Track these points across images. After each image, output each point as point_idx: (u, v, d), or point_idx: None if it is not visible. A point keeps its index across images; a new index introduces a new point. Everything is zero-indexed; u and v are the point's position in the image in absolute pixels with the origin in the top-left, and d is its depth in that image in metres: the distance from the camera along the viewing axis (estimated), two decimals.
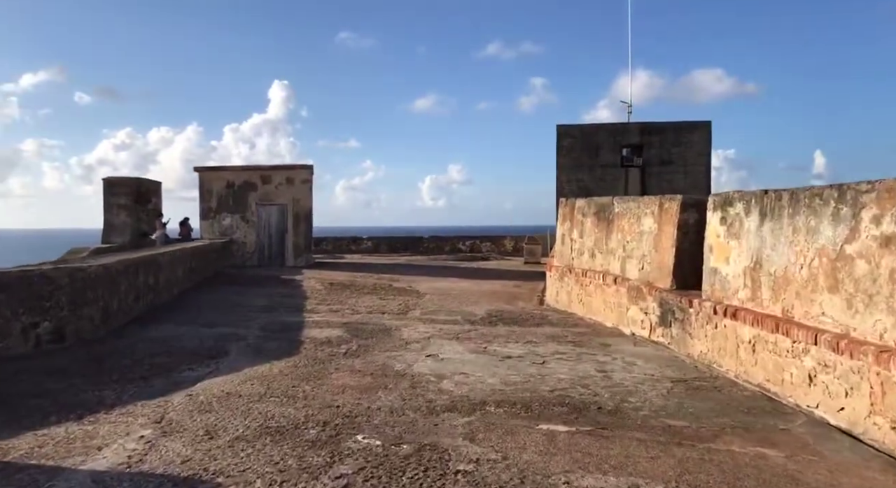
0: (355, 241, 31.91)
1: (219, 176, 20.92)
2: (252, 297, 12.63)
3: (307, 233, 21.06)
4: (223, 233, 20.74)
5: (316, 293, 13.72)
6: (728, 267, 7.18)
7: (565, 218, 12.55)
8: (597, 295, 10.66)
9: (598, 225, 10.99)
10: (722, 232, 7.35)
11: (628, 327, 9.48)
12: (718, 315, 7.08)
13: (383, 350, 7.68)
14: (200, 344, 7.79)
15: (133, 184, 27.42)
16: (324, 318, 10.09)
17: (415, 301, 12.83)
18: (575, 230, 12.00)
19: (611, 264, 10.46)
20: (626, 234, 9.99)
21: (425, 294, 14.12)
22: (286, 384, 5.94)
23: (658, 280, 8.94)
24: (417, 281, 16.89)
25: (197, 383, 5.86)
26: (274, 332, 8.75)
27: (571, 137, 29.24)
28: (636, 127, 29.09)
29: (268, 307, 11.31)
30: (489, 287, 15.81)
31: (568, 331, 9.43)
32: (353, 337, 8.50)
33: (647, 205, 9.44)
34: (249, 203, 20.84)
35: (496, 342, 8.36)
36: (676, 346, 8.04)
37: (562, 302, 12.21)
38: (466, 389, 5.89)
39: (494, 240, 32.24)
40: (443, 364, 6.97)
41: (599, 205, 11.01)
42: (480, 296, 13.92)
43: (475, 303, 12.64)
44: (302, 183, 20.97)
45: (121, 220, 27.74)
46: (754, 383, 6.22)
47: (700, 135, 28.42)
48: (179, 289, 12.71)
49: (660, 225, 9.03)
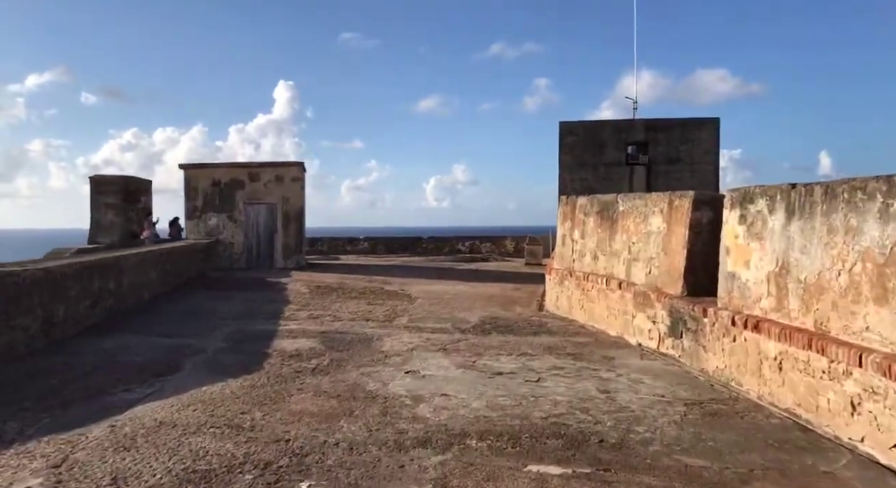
0: (351, 242, 31.09)
1: (205, 173, 20.10)
2: (228, 302, 11.82)
3: (298, 233, 20.25)
4: (209, 233, 19.94)
5: (299, 298, 12.90)
6: (748, 272, 6.34)
7: (566, 217, 11.71)
8: (600, 301, 9.83)
9: (602, 224, 10.15)
10: (741, 232, 6.51)
11: (634, 337, 8.65)
12: (737, 326, 6.24)
13: (358, 365, 6.85)
14: (152, 357, 6.94)
15: (121, 182, 26.66)
16: (300, 327, 9.26)
17: (404, 306, 12.00)
18: (576, 230, 11.17)
19: (615, 267, 9.63)
20: (632, 235, 9.16)
21: (417, 298, 13.30)
22: (235, 409, 5.09)
23: (667, 285, 8.10)
24: (410, 284, 16.06)
25: (128, 409, 4.99)
26: (240, 343, 7.93)
27: (574, 135, 28.38)
28: (642, 124, 28.20)
29: (243, 314, 10.50)
30: (486, 290, 14.98)
31: (568, 341, 8.60)
32: (328, 349, 7.67)
33: (654, 203, 8.61)
34: (237, 202, 20.02)
35: (487, 355, 7.54)
36: (688, 360, 7.20)
37: (562, 308, 11.38)
38: (446, 416, 5.06)
39: (495, 241, 31.39)
40: (423, 382, 6.14)
41: (603, 203, 10.18)
42: (475, 300, 13.09)
43: (469, 308, 11.82)
44: (292, 181, 20.16)
45: (108, 220, 26.99)
46: (782, 407, 5.38)
47: (708, 133, 27.52)
48: (151, 294, 11.90)
49: (669, 224, 8.19)
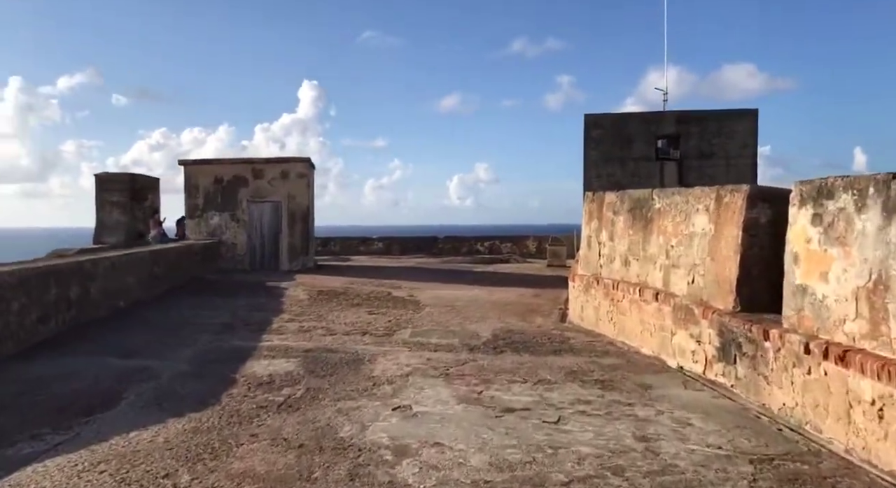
0: (365, 242, 30.01)
1: (206, 170, 19.10)
2: (215, 311, 10.73)
3: (305, 233, 19.17)
4: (211, 233, 18.95)
5: (296, 305, 11.78)
6: (826, 286, 5.03)
7: (592, 216, 10.42)
8: (632, 313, 8.53)
9: (634, 225, 8.85)
10: (815, 235, 5.20)
11: (674, 358, 7.35)
12: (814, 355, 4.94)
13: (338, 397, 5.66)
14: (91, 387, 5.81)
15: (128, 180, 25.91)
16: (284, 343, 8.11)
17: (409, 316, 10.81)
18: (604, 231, 9.87)
19: (650, 275, 8.33)
20: (671, 237, 7.86)
21: (425, 306, 12.10)
22: (158, 469, 3.92)
23: (715, 298, 6.80)
24: (420, 288, 14.87)
25: (15, 471, 3.82)
26: (206, 365, 6.78)
27: (601, 128, 26.91)
28: (673, 116, 26.61)
29: (225, 325, 9.38)
30: (503, 296, 13.73)
31: (595, 362, 7.33)
32: (307, 373, 6.49)
33: (698, 199, 7.30)
34: (240, 200, 18.99)
35: (497, 382, 6.31)
36: (744, 392, 5.91)
37: (587, 319, 10.09)
38: (434, 480, 3.85)
39: (516, 241, 30.06)
40: (413, 424, 4.93)
41: (635, 200, 8.87)
42: (491, 308, 11.86)
43: (482, 319, 10.59)
44: (298, 177, 19.07)
45: (114, 219, 26.26)
46: (885, 470, 4.08)
47: (745, 125, 25.85)
48: (129, 301, 10.85)
49: (717, 225, 6.89)
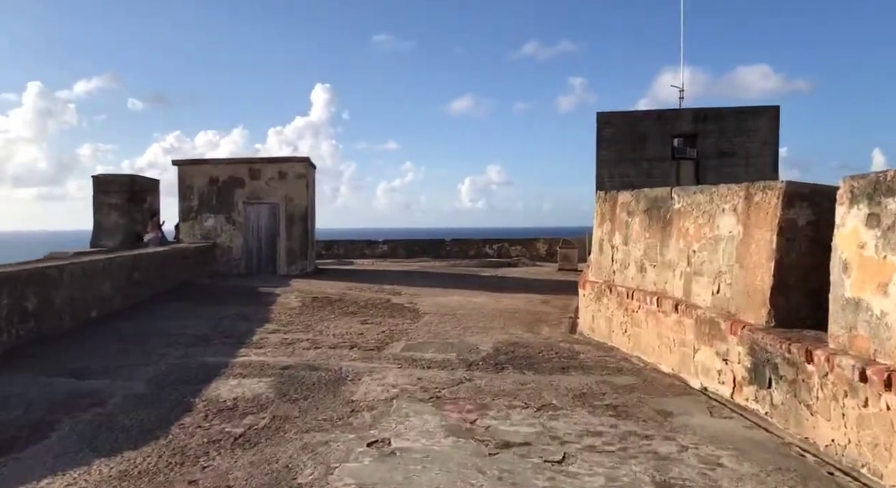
0: (370, 245, 29.30)
1: (200, 170, 18.45)
2: (196, 320, 10.01)
3: (303, 236, 18.46)
4: (206, 236, 18.30)
5: (285, 313, 11.04)
6: (887, 300, 4.21)
7: (604, 217, 9.61)
8: (648, 325, 7.71)
9: (651, 227, 8.04)
10: (871, 239, 4.39)
11: (697, 378, 6.53)
12: (873, 383, 4.12)
13: (307, 428, 4.89)
14: (20, 416, 5.05)
15: (126, 182, 25.37)
16: (261, 359, 7.35)
17: (406, 326, 10.04)
18: (617, 234, 9.06)
19: (669, 283, 7.51)
20: (692, 241, 7.04)
21: (425, 314, 11.32)
22: None
23: (744, 310, 5.98)
24: (422, 295, 14.10)
25: None
26: (166, 386, 6.03)
27: (613, 126, 26.05)
28: (689, 113, 25.71)
29: (201, 337, 8.65)
30: (510, 303, 12.94)
31: (606, 382, 6.52)
32: (278, 397, 5.73)
33: (724, 198, 6.48)
34: (235, 201, 18.33)
35: (495, 407, 5.52)
36: (783, 422, 5.09)
37: (599, 331, 9.27)
38: None
39: (525, 244, 29.23)
40: (389, 467, 4.15)
41: (652, 200, 8.06)
42: (495, 317, 11.06)
43: (484, 329, 9.79)
44: (296, 178, 18.38)
45: (112, 221, 25.73)
46: None
47: (766, 123, 24.90)
48: (104, 310, 10.16)
49: (746, 227, 6.07)
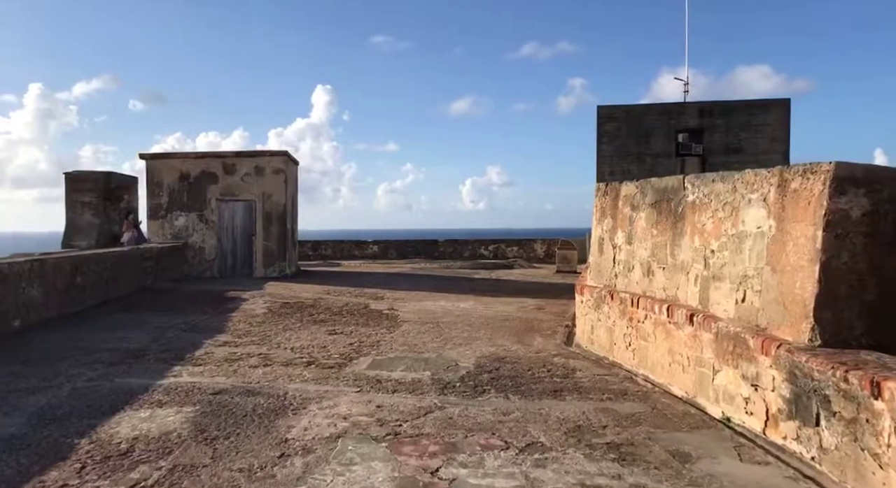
0: (359, 245, 28.13)
1: (170, 165, 17.29)
2: (137, 332, 8.84)
3: (282, 236, 17.30)
4: (176, 235, 17.15)
5: (245, 322, 9.88)
6: None
7: (604, 213, 8.45)
8: (657, 338, 6.56)
9: (659, 223, 6.89)
10: None
11: (717, 404, 5.38)
12: None
13: (214, 484, 3.73)
14: None
15: (101, 179, 24.26)
16: (194, 379, 6.18)
17: (379, 336, 8.88)
18: (619, 231, 7.91)
19: (681, 288, 6.36)
20: (710, 239, 5.90)
21: (403, 322, 10.17)
22: None
23: (779, 325, 4.84)
24: (406, 299, 12.95)
25: None
26: (50, 423, 4.81)
27: (615, 121, 24.94)
28: (695, 108, 24.59)
29: (133, 353, 7.47)
30: (500, 309, 11.79)
31: (607, 410, 5.36)
32: (192, 435, 4.56)
33: (751, 186, 5.34)
34: (209, 199, 17.16)
35: (466, 449, 4.36)
36: (836, 472, 3.94)
37: (599, 343, 8.11)
38: None
39: (523, 245, 28.07)
40: None
41: (661, 191, 6.91)
42: (482, 325, 9.91)
43: (468, 340, 8.64)
44: (274, 173, 17.21)
45: (86, 220, 24.60)
46: None
47: (776, 117, 23.78)
48: (32, 319, 8.97)
49: (781, 221, 4.93)
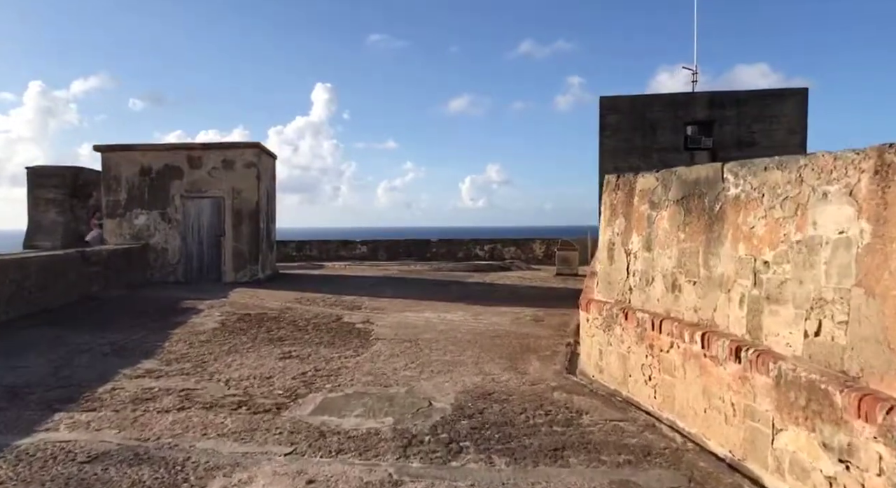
0: (347, 246, 26.60)
1: (129, 157, 15.75)
2: (37, 358, 7.34)
3: (254, 236, 15.79)
4: (136, 236, 15.63)
5: (184, 342, 8.39)
6: None
7: (615, 211, 6.94)
8: (687, 374, 5.06)
9: (689, 224, 5.38)
10: None
11: (781, 476, 3.90)
12: None
13: None
14: None
15: (68, 174, 22.78)
16: (71, 435, 4.68)
17: (342, 361, 7.39)
18: (635, 235, 6.40)
19: (720, 310, 4.86)
20: (763, 246, 4.41)
21: (377, 340, 8.69)
22: None
23: (884, 373, 3.36)
24: (387, 309, 11.47)
25: None
26: None
27: (618, 112, 23.43)
28: (704, 98, 23.07)
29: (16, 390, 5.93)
30: (493, 322, 10.31)
31: (627, 484, 3.88)
32: None
33: (827, 174, 3.84)
34: (172, 195, 15.64)
35: None
36: None
37: (609, 372, 6.60)
38: None
39: (520, 245, 26.56)
40: None
41: (690, 184, 5.40)
42: (470, 344, 8.43)
43: (451, 366, 7.15)
44: (245, 167, 15.70)
45: (50, 219, 23.16)
46: None
47: (792, 107, 22.27)
48: None
49: (880, 222, 3.45)
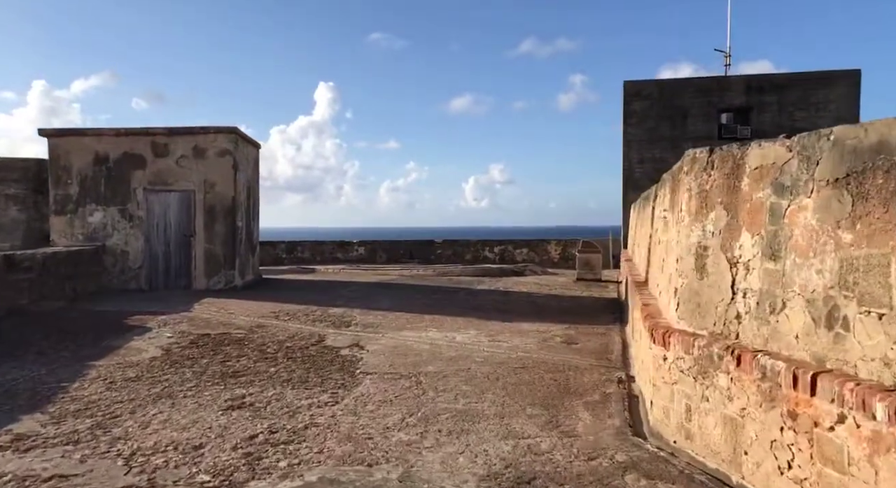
0: (343, 247, 24.54)
1: (81, 144, 13.71)
2: None
3: (230, 236, 13.74)
4: (90, 236, 13.60)
5: (107, 379, 6.35)
6: None
7: (705, 201, 4.82)
8: (879, 473, 2.94)
9: (859, 218, 3.26)
10: None
11: None
12: None
13: None
14: None
15: (32, 167, 20.79)
16: None
17: (313, 411, 5.32)
18: (746, 235, 4.27)
19: None
20: None
21: (366, 374, 6.61)
22: None
23: None
24: (382, 326, 9.40)
25: None
26: None
27: (645, 99, 21.34)
28: (741, 82, 20.95)
29: None
30: (515, 344, 8.24)
31: None
32: None
33: None
34: (133, 188, 13.61)
35: None
36: None
37: (706, 441, 4.47)
38: None
39: (533, 246, 24.49)
40: None
41: (859, 153, 3.28)
42: (490, 380, 6.36)
43: (466, 419, 5.06)
44: (219, 156, 13.64)
45: (9, 217, 21.16)
46: None
47: (842, 92, 20.12)
48: None
49: None
